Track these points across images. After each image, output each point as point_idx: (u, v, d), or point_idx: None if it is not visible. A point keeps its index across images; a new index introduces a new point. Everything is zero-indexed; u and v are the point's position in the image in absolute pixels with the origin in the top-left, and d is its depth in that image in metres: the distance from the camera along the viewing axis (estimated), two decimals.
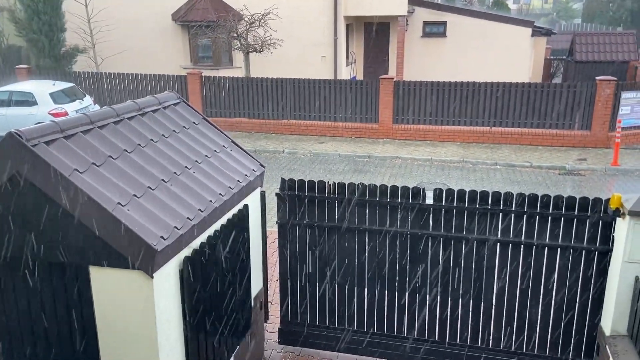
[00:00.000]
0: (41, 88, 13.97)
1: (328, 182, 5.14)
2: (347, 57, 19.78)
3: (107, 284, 3.36)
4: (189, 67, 18.69)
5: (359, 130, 15.00)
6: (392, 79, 14.61)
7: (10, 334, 3.77)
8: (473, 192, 4.73)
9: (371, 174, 12.08)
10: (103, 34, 18.03)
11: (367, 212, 5.00)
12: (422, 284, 5.00)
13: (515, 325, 4.90)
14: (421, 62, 20.42)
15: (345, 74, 19.21)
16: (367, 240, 5.05)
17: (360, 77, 20.68)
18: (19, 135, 3.21)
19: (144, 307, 3.31)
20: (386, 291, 5.11)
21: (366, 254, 5.07)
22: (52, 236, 3.34)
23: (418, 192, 4.85)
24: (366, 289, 5.16)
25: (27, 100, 13.70)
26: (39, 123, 3.56)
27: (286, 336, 5.50)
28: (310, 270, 5.29)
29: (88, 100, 14.58)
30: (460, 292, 4.93)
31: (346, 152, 13.53)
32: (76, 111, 13.54)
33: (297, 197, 5.18)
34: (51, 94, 13.71)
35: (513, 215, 4.68)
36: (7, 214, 3.36)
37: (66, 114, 13.16)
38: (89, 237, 3.26)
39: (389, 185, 4.91)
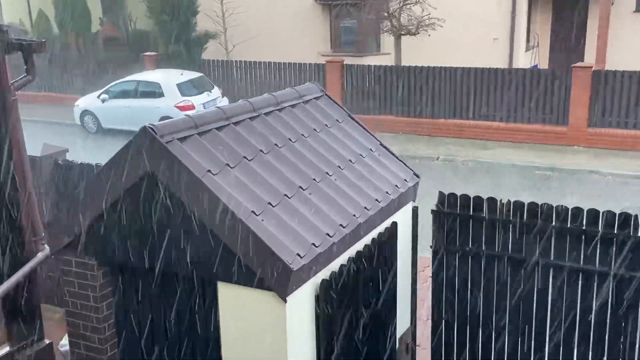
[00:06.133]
0: (168, 78, 15.55)
1: (500, 200, 4.97)
2: (528, 40, 18.95)
3: (235, 303, 3.63)
4: (328, 53, 19.40)
5: (540, 134, 14.27)
6: (591, 67, 13.70)
7: (134, 342, 4.24)
8: None
9: (555, 192, 11.41)
10: (235, 17, 19.45)
11: (552, 242, 4.75)
12: (629, 344, 4.59)
13: None
14: (633, 45, 18.77)
15: (523, 61, 18.43)
16: (550, 279, 4.80)
17: (543, 65, 19.67)
18: (153, 131, 3.61)
19: (275, 335, 3.51)
20: (576, 348, 4.79)
21: (549, 297, 4.82)
22: (180, 245, 3.70)
23: (627, 220, 4.47)
24: (548, 341, 4.89)
25: (154, 92, 15.34)
26: (164, 117, 3.97)
27: None
28: (472, 311, 5.16)
29: (216, 92, 15.86)
30: None
31: (521, 162, 12.96)
32: (203, 104, 14.81)
33: (458, 217, 5.10)
34: (178, 85, 15.16)
35: None
36: (137, 216, 3.80)
37: (193, 107, 14.45)
38: (219, 249, 3.56)
39: (585, 209, 4.60)
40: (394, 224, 4.74)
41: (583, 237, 4.64)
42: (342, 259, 4.05)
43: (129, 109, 15.42)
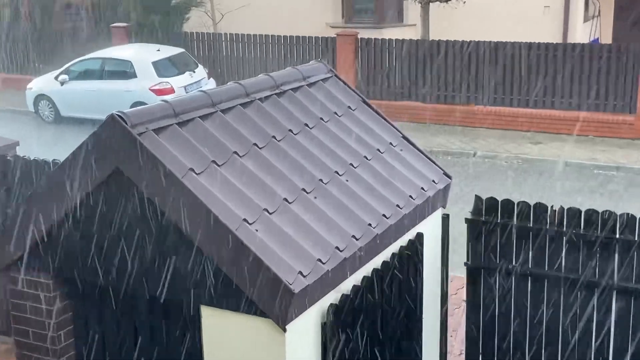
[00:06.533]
0: (142, 55, 15.61)
1: (551, 206, 4.97)
2: (586, 9, 18.91)
3: (222, 332, 3.64)
4: (338, 25, 19.39)
5: (601, 124, 14.25)
6: None
7: None
8: None
9: (620, 196, 11.39)
10: None
11: (615, 258, 4.75)
12: None
13: None
14: None
15: (581, 34, 18.39)
16: (614, 305, 4.80)
17: (606, 39, 19.64)
18: (123, 119, 3.63)
19: None
20: None
21: (611, 325, 4.82)
22: (155, 260, 3.71)
23: None
24: None
25: (124, 72, 15.39)
26: (137, 103, 3.99)
27: None
28: (516, 344, 5.16)
29: (201, 72, 15.90)
30: None
31: (578, 160, 12.97)
32: (185, 87, 14.86)
33: (499, 227, 5.11)
34: (154, 64, 15.20)
35: None
36: (102, 225, 3.82)
37: (172, 91, 14.51)
38: (203, 265, 3.57)
39: None
40: (420, 236, 4.74)
41: None
42: (355, 278, 4.06)
43: (93, 93, 15.46)
